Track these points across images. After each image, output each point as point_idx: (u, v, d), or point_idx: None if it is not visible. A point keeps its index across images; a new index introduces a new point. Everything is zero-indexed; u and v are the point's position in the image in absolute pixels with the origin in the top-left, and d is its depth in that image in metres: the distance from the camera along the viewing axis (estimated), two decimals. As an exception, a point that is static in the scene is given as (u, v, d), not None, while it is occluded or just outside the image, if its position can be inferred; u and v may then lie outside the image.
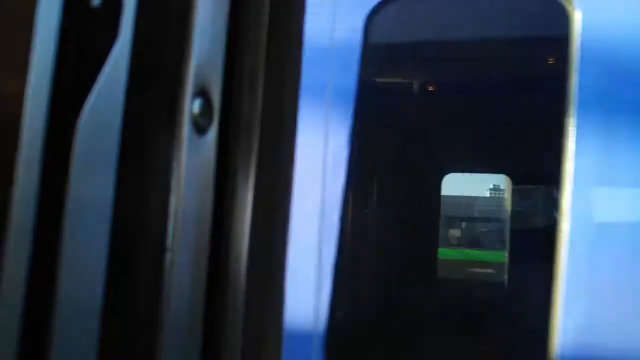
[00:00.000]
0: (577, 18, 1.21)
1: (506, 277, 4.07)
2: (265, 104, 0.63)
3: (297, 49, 0.63)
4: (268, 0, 0.62)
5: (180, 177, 0.59)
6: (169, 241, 0.58)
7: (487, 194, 8.33)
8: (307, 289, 1.21)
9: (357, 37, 1.30)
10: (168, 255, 0.58)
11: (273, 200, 0.65)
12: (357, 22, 1.32)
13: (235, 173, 0.63)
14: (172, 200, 0.59)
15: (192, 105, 0.60)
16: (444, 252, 5.35)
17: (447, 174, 4.01)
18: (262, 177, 0.64)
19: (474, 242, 7.26)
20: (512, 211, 4.26)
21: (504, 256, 4.44)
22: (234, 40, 0.62)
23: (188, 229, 0.60)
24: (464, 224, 7.61)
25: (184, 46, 0.59)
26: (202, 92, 0.60)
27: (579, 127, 1.18)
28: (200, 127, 0.60)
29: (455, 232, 7.48)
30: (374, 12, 1.33)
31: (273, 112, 0.63)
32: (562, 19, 1.22)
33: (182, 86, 0.59)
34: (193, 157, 0.60)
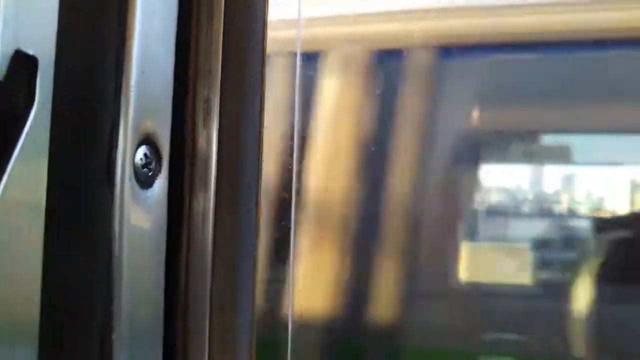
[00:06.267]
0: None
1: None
2: (222, 138, 0.52)
3: (258, 73, 0.53)
4: (222, 18, 0.51)
5: (124, 238, 0.47)
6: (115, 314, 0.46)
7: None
8: None
9: None
10: (114, 337, 0.46)
11: (236, 249, 0.54)
12: None
13: (190, 223, 0.52)
14: (116, 265, 0.46)
15: (134, 157, 0.48)
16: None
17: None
18: (222, 224, 0.53)
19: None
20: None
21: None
22: (183, 68, 0.50)
23: (138, 298, 0.48)
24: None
25: (121, 88, 0.47)
26: (146, 139, 0.48)
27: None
28: (145, 179, 0.49)
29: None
30: None
31: (232, 146, 0.53)
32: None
33: (119, 137, 0.47)
34: (139, 214, 0.48)
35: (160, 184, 0.51)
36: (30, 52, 0.43)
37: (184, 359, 0.51)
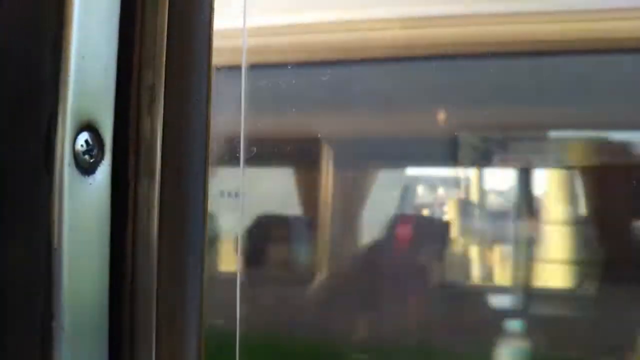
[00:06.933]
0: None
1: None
2: (167, 126, 0.51)
3: (204, 59, 0.53)
4: (167, 2, 0.50)
5: (63, 227, 0.46)
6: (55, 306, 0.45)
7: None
8: None
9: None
10: (54, 325, 0.45)
11: (183, 238, 0.53)
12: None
13: (135, 211, 0.51)
14: (55, 255, 0.45)
15: (74, 144, 0.46)
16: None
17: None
18: (168, 213, 0.52)
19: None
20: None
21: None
22: (127, 54, 0.49)
23: (81, 290, 0.46)
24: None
25: (59, 74, 0.45)
26: (87, 126, 0.47)
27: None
28: (86, 166, 0.47)
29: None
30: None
31: (177, 133, 0.52)
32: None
33: (58, 123, 0.46)
34: (80, 202, 0.47)
35: (103, 171, 0.49)
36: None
37: (131, 348, 0.49)
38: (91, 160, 0.48)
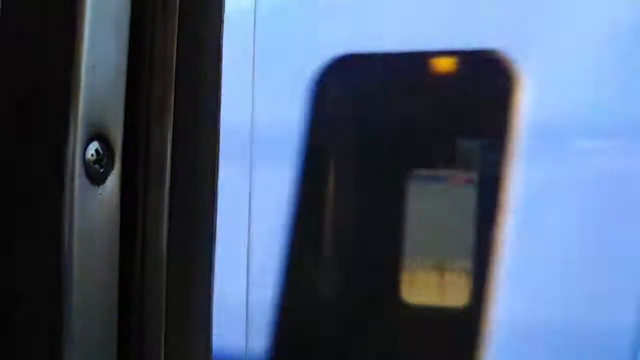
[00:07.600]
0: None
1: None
2: (177, 136, 0.51)
3: (214, 71, 0.53)
4: (177, 13, 0.50)
5: (74, 237, 0.46)
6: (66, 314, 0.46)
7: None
8: None
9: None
10: (64, 335, 0.44)
11: (192, 248, 0.53)
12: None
13: (145, 223, 0.51)
14: (66, 265, 0.45)
15: (84, 153, 0.46)
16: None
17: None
18: (178, 223, 0.52)
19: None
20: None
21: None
22: (137, 65, 0.49)
23: (90, 298, 0.46)
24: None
25: (70, 84, 0.46)
26: (98, 135, 0.47)
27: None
28: (96, 176, 0.47)
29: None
30: None
31: (187, 143, 0.52)
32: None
33: (69, 132, 0.46)
34: (90, 211, 0.47)
35: (113, 180, 0.49)
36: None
37: (140, 358, 0.49)
38: (101, 170, 0.48)
